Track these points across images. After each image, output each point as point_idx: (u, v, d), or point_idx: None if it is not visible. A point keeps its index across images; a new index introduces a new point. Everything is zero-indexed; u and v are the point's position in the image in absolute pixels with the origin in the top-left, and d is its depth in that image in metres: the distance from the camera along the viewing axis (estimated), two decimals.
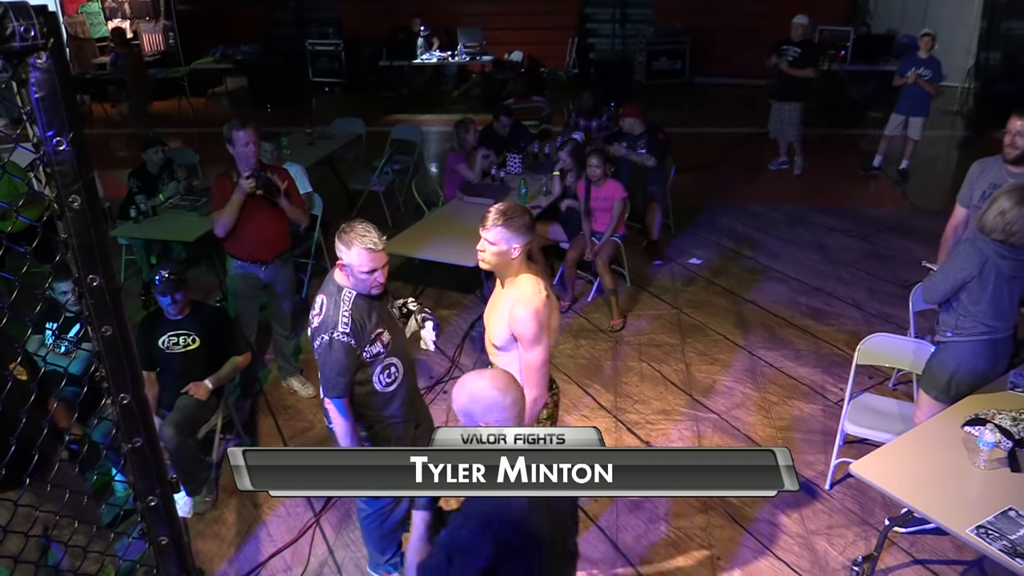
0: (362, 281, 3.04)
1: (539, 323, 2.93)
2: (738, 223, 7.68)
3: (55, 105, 2.00)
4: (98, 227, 2.13)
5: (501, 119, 7.35)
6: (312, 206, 6.26)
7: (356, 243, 2.98)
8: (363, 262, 2.98)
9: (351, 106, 12.03)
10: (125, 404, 2.31)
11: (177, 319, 4.17)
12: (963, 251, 3.49)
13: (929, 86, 8.22)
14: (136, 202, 6.27)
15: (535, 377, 3.00)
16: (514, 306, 2.95)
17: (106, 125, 12.56)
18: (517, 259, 2.98)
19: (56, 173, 2.08)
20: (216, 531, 4.07)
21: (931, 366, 3.68)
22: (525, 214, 2.99)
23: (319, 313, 3.07)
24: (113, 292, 2.16)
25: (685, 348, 5.56)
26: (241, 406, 4.98)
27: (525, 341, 2.95)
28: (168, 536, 2.81)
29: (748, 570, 3.69)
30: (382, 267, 3.05)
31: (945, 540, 3.76)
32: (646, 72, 13.63)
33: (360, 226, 3.02)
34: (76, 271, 2.12)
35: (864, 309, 5.95)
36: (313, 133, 8.37)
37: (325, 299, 3.08)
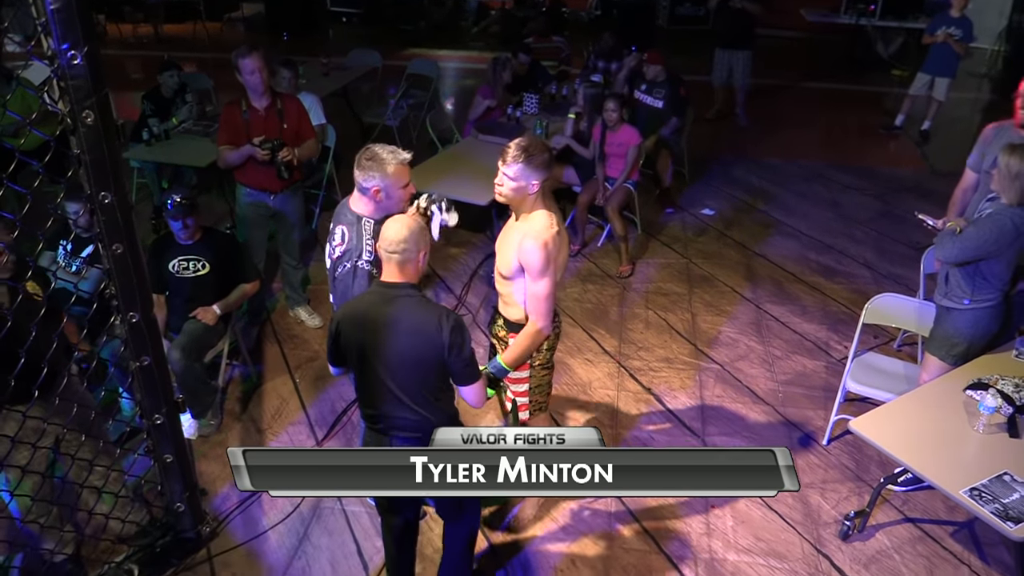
0: (396, 199, 3.05)
1: (547, 255, 2.96)
2: (753, 176, 7.60)
3: (70, 18, 1.98)
4: (111, 144, 2.13)
5: (520, 56, 7.23)
6: (325, 138, 6.22)
7: (392, 161, 3.00)
8: (402, 176, 3.01)
9: (368, 38, 11.85)
10: (134, 323, 2.34)
11: (188, 244, 4.18)
12: (1000, 225, 3.36)
13: (959, 46, 8.02)
14: (149, 125, 6.23)
15: (541, 308, 3.05)
16: (524, 238, 2.98)
17: (120, 46, 12.41)
18: (534, 195, 3.00)
19: (70, 88, 2.07)
20: (219, 454, 4.13)
21: (946, 332, 3.64)
22: (545, 151, 2.99)
23: (341, 243, 3.07)
24: (125, 210, 2.17)
25: (692, 298, 5.56)
26: (248, 333, 5.01)
27: (532, 272, 2.99)
28: (173, 454, 2.87)
29: (741, 518, 3.74)
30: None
31: (937, 500, 3.80)
32: (669, 17, 13.39)
33: (380, 148, 3.05)
34: (88, 188, 2.13)
35: (874, 269, 5.92)
36: (329, 63, 8.26)
37: (345, 229, 3.07)
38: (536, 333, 3.09)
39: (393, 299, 2.63)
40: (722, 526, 3.71)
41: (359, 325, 2.66)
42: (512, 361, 3.13)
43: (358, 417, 4.40)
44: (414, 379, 2.66)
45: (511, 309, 3.20)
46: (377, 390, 2.71)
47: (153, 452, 2.66)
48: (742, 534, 3.66)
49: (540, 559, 3.54)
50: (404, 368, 2.65)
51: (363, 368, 2.71)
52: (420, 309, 2.63)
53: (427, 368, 2.65)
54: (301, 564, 3.53)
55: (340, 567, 3.51)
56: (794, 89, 10.41)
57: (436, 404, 2.73)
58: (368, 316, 2.65)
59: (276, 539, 3.65)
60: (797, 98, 10.12)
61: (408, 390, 2.67)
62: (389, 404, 2.72)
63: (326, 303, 5.42)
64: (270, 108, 4.58)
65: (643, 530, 3.68)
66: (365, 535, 3.67)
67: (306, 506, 3.83)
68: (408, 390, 2.67)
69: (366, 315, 2.65)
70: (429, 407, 2.71)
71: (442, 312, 2.64)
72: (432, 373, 2.66)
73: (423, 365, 2.64)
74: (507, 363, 3.13)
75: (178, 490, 2.84)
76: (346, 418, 4.41)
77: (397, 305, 2.63)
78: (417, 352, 2.61)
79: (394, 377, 2.66)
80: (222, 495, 3.88)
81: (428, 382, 2.68)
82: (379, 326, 2.62)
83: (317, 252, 6.09)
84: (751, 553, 3.57)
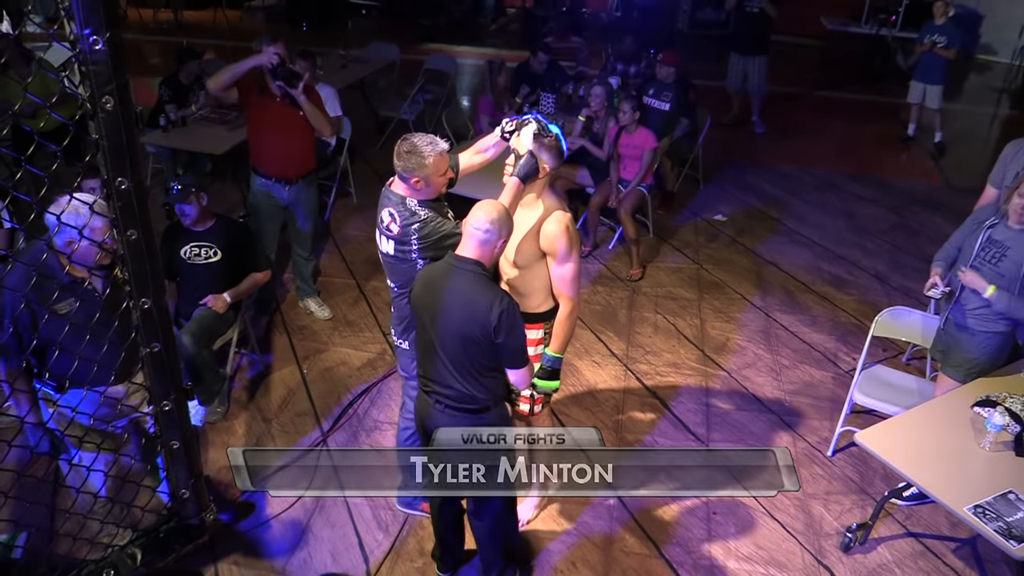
0: (435, 186, 3.07)
1: (570, 237, 3.06)
2: (767, 183, 7.58)
3: (93, 3, 1.99)
4: (129, 130, 2.14)
5: (539, 55, 7.22)
6: (341, 129, 6.23)
7: (430, 154, 2.99)
8: (440, 166, 3.03)
9: (387, 31, 11.86)
10: (146, 309, 2.35)
11: (200, 231, 4.19)
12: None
13: (945, 52, 7.98)
14: (166, 111, 6.25)
15: (571, 288, 3.14)
16: (544, 224, 3.05)
17: (141, 31, 12.45)
18: (542, 180, 3.06)
19: (91, 72, 2.08)
20: (226, 441, 4.15)
21: (970, 354, 3.57)
22: (557, 139, 3.06)
23: (392, 220, 3.06)
24: (140, 196, 2.18)
25: (702, 304, 5.55)
26: (257, 322, 5.03)
27: (559, 255, 3.07)
28: (180, 441, 2.89)
29: (742, 526, 3.74)
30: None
31: (941, 516, 3.78)
32: (689, 21, 13.33)
33: (419, 139, 3.03)
34: (105, 172, 2.14)
35: (885, 281, 5.90)
36: (347, 56, 8.28)
37: (393, 210, 3.07)
38: (571, 313, 3.18)
39: (458, 272, 2.75)
40: (723, 533, 3.70)
41: (426, 288, 2.86)
42: (560, 348, 3.22)
43: (364, 409, 4.43)
44: (462, 352, 2.77)
45: (522, 300, 3.19)
46: (429, 356, 2.86)
47: (160, 438, 2.67)
48: (743, 542, 3.66)
49: (540, 560, 3.55)
50: (454, 340, 2.76)
51: (421, 331, 2.90)
52: (477, 287, 2.72)
53: (474, 345, 2.75)
54: (303, 555, 3.54)
55: (341, 558, 3.53)
56: (811, 97, 10.37)
57: (481, 380, 2.82)
58: (433, 282, 2.83)
59: (279, 529, 3.67)
60: (813, 106, 10.07)
61: (455, 361, 2.79)
62: (438, 371, 2.84)
63: (336, 295, 5.46)
64: (286, 95, 4.57)
65: (644, 534, 3.68)
66: (367, 528, 3.68)
67: (309, 497, 3.84)
68: (455, 361, 2.79)
69: (431, 281, 2.84)
70: (473, 382, 2.81)
71: (497, 294, 2.73)
72: (478, 350, 2.76)
73: (471, 341, 2.74)
74: (557, 351, 3.22)
75: (184, 477, 2.85)
76: (352, 411, 4.42)
77: (460, 278, 2.74)
78: (467, 328, 2.72)
79: (443, 346, 2.79)
80: (227, 483, 3.90)
81: (474, 358, 2.77)
82: (440, 294, 2.76)
83: (329, 244, 6.11)
84: (751, 561, 3.56)
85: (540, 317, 3.24)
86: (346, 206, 6.58)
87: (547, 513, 3.77)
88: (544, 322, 3.26)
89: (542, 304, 3.23)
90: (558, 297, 3.19)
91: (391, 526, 3.69)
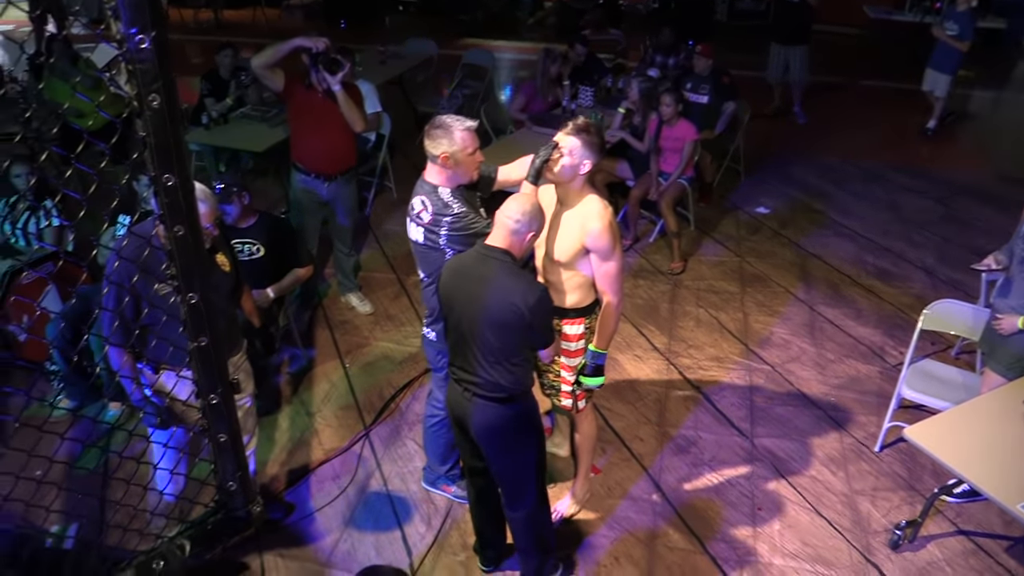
0: (465, 165, 3.08)
1: (613, 234, 3.06)
2: (810, 174, 7.46)
3: (139, 2, 2.01)
4: (175, 127, 2.15)
5: (577, 48, 7.18)
6: (380, 125, 6.25)
7: (456, 128, 3.03)
8: (467, 143, 3.05)
9: (425, 27, 11.89)
10: (193, 304, 2.38)
11: (243, 228, 4.24)
12: None
13: (954, 42, 7.77)
14: (206, 105, 6.33)
15: (615, 284, 3.15)
16: (586, 221, 3.04)
17: (181, 31, 12.64)
18: (583, 176, 3.06)
19: (137, 71, 2.10)
20: (270, 434, 4.20)
21: (1015, 348, 3.47)
22: (600, 135, 3.06)
23: (424, 209, 3.11)
24: (187, 192, 2.20)
25: (744, 297, 5.48)
26: (300, 317, 5.08)
27: (603, 252, 3.07)
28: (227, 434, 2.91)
29: (788, 522, 3.69)
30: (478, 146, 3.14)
31: (993, 514, 3.70)
32: (728, 12, 13.19)
33: (447, 116, 3.09)
34: (152, 170, 2.16)
35: (933, 274, 5.78)
36: (386, 52, 8.31)
37: (425, 198, 3.11)
38: (614, 309, 3.19)
39: (489, 261, 2.80)
40: (768, 529, 3.66)
41: (455, 277, 2.89)
42: (605, 344, 3.24)
43: (406, 404, 4.45)
44: (494, 338, 2.80)
45: (563, 296, 3.20)
46: (459, 344, 2.90)
47: (207, 432, 2.70)
48: (789, 538, 3.61)
49: (583, 554, 3.54)
50: (486, 327, 2.79)
51: (451, 320, 2.93)
52: (510, 276, 2.77)
53: (505, 332, 2.79)
54: (346, 547, 3.57)
55: (384, 551, 3.55)
56: (853, 87, 10.18)
57: (509, 369, 2.85)
58: (463, 271, 2.87)
59: (322, 521, 3.70)
60: (856, 96, 9.89)
61: (485, 349, 2.82)
62: (469, 360, 2.88)
63: (377, 290, 5.48)
64: (328, 91, 4.59)
65: (688, 530, 3.65)
66: (410, 521, 3.70)
67: (352, 490, 3.87)
68: (485, 349, 2.82)
69: (461, 270, 2.88)
70: (501, 370, 2.84)
71: (530, 282, 2.81)
72: (510, 338, 2.80)
73: (503, 329, 2.78)
74: (602, 348, 3.24)
75: (231, 469, 2.88)
76: (394, 404, 4.44)
77: (491, 267, 2.78)
78: (499, 316, 2.75)
79: (474, 334, 2.82)
80: (270, 475, 3.94)
81: (505, 345, 2.81)
82: (471, 282, 2.80)
83: (369, 240, 6.14)
84: (797, 558, 3.51)
85: (581, 312, 3.24)
86: (385, 201, 6.61)
87: (589, 507, 3.76)
88: (585, 317, 3.25)
89: (584, 299, 3.23)
90: (601, 294, 3.19)
91: (434, 519, 3.71)
